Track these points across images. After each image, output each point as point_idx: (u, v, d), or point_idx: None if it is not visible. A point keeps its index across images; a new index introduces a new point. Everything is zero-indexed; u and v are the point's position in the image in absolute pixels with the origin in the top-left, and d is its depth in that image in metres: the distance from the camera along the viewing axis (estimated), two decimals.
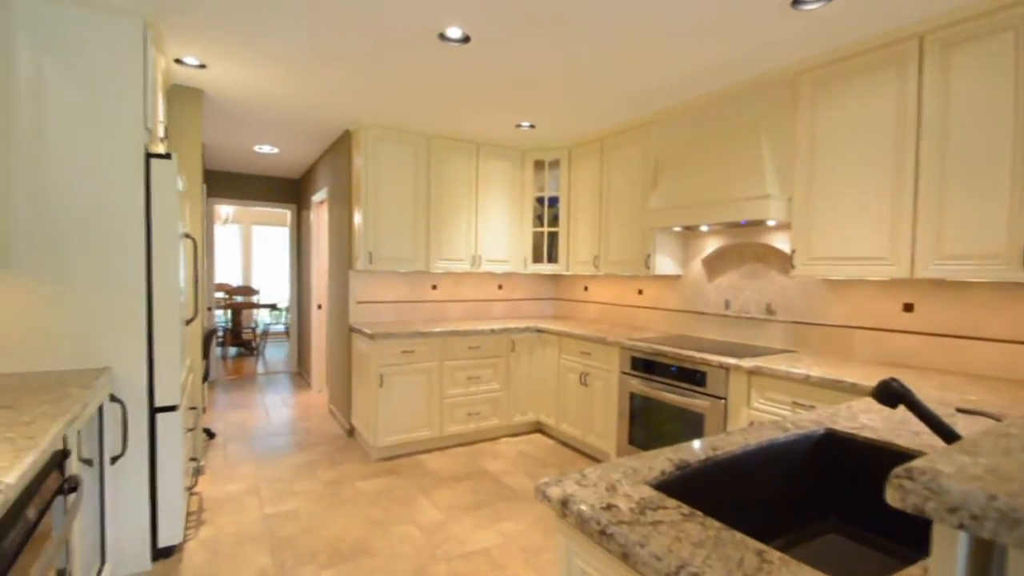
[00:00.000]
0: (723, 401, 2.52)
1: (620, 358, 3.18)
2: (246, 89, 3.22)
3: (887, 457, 1.24)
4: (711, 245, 3.30)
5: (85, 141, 2.03)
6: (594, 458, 3.55)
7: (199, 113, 3.27)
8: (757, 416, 2.37)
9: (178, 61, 2.79)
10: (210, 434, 3.93)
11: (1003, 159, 1.84)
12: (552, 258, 4.46)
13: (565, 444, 3.84)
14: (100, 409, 1.93)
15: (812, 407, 2.15)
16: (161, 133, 2.68)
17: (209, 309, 5.51)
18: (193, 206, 3.25)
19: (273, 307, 8.42)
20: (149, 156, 2.16)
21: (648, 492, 0.96)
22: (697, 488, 1.13)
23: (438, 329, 3.67)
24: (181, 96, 3.21)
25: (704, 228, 3.10)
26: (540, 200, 4.46)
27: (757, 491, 1.25)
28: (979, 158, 1.91)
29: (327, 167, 4.83)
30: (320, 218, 5.41)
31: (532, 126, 3.80)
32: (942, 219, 2.00)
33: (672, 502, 0.92)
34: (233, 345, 7.96)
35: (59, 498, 1.37)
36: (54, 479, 1.34)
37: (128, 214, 2.10)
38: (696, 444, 1.22)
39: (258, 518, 2.66)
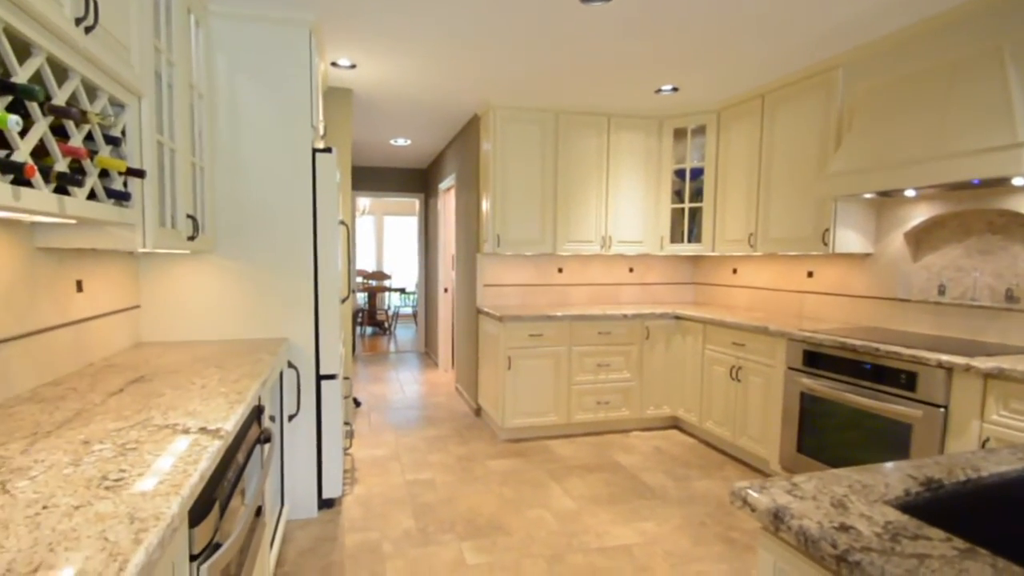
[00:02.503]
0: (942, 410, 1.98)
1: (787, 351, 2.71)
2: (388, 84, 3.34)
3: None
4: (919, 214, 2.66)
5: (268, 142, 2.27)
6: (747, 464, 3.11)
7: (349, 111, 3.47)
8: (995, 432, 1.81)
9: (333, 64, 2.96)
10: (357, 403, 4.21)
11: None
12: (693, 237, 4.02)
13: (709, 444, 3.44)
14: (280, 374, 2.11)
15: None
16: (322, 131, 2.88)
17: (353, 292, 5.96)
18: (344, 196, 3.46)
19: (403, 291, 8.95)
20: (315, 152, 2.34)
21: (894, 515, 0.69)
22: (953, 517, 0.80)
23: (567, 313, 3.48)
24: (334, 97, 3.43)
25: (910, 193, 2.49)
26: (680, 173, 4.04)
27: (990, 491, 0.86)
28: None
29: (454, 154, 4.89)
30: (447, 204, 5.54)
31: (675, 89, 3.42)
32: None
33: (936, 532, 0.65)
34: (369, 325, 8.61)
35: (257, 447, 1.45)
36: (254, 431, 1.43)
37: (299, 204, 2.32)
38: (943, 459, 0.87)
39: (400, 483, 2.76)
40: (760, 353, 2.92)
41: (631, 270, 4.38)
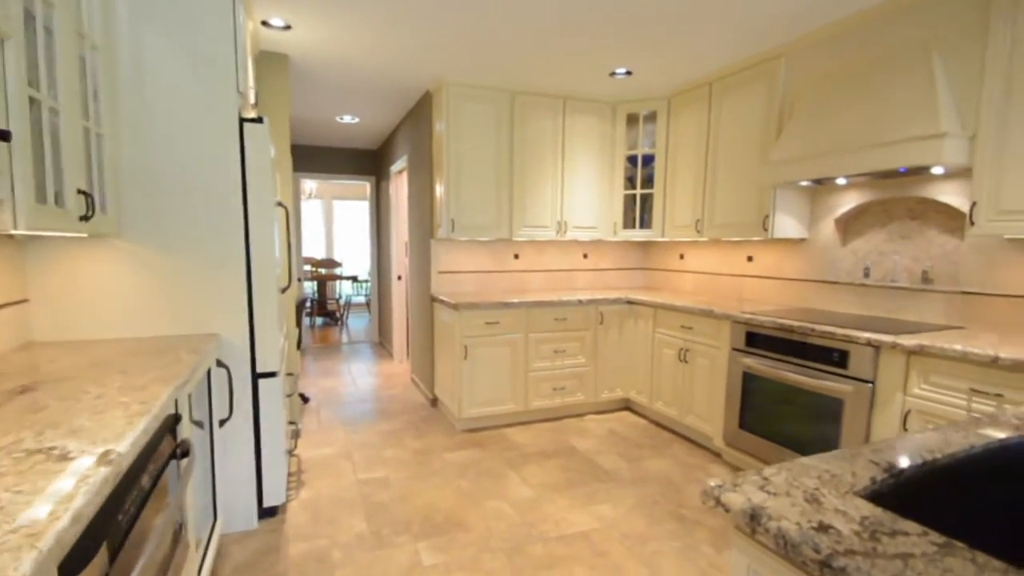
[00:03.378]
0: (870, 385, 2.12)
1: (731, 333, 2.83)
2: (330, 52, 3.13)
3: None
4: (848, 202, 2.81)
5: (185, 108, 2.01)
6: (694, 441, 3.25)
7: (286, 80, 3.24)
8: (916, 405, 1.97)
9: (265, 23, 2.73)
10: (304, 399, 4.06)
11: None
12: (644, 223, 4.10)
13: (658, 424, 3.56)
14: (208, 374, 1.94)
15: (999, 396, 1.72)
16: (252, 99, 2.65)
17: (299, 280, 5.71)
18: (283, 175, 3.26)
19: (354, 279, 8.69)
20: (242, 121, 2.12)
21: (867, 508, 0.70)
22: (916, 503, 0.85)
23: (524, 300, 3.48)
24: (268, 62, 3.18)
25: (841, 181, 2.63)
26: (632, 159, 4.09)
27: (982, 510, 0.93)
28: None
29: (406, 135, 4.73)
30: (399, 188, 5.38)
31: (629, 73, 3.43)
32: None
33: (911, 525, 0.66)
34: (319, 315, 8.33)
35: (173, 462, 1.34)
36: (168, 444, 1.31)
37: (225, 180, 2.08)
38: (899, 443, 0.92)
39: (352, 482, 2.66)
40: (706, 335, 3.03)
41: (585, 256, 4.42)
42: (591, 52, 3.08)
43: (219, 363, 2.06)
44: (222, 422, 2.07)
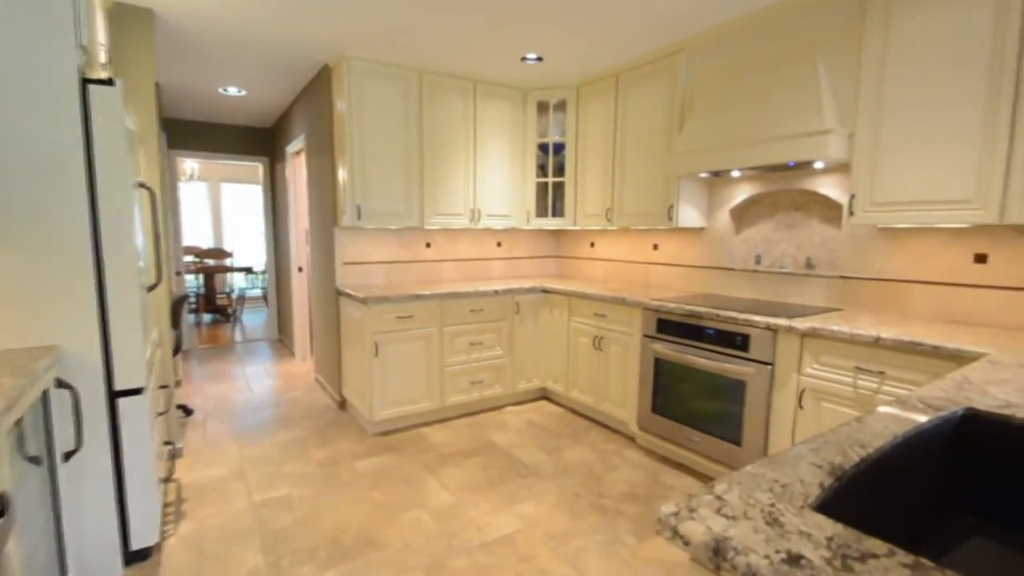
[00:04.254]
0: (769, 367, 2.26)
1: (643, 320, 2.89)
2: (205, 9, 2.68)
3: None
4: (741, 193, 2.98)
5: None
6: (610, 427, 3.32)
7: (150, 38, 2.74)
8: (809, 384, 2.12)
9: None
10: (187, 411, 3.58)
11: None
12: (557, 211, 4.09)
13: (575, 412, 3.60)
14: (46, 397, 1.56)
15: (881, 373, 1.90)
16: (102, 58, 2.19)
17: (178, 274, 5.03)
18: (148, 153, 2.78)
19: (248, 270, 7.91)
20: (86, 82, 1.71)
21: (828, 525, 0.67)
22: (855, 501, 0.85)
23: (437, 291, 3.32)
24: (126, 17, 2.67)
25: (736, 173, 2.77)
26: (543, 147, 4.04)
27: (899, 492, 0.98)
28: None
29: (303, 112, 4.30)
30: (297, 171, 4.91)
31: (540, 59, 3.35)
32: None
33: (876, 543, 0.63)
34: (207, 311, 7.48)
35: None
36: None
37: (62, 154, 1.66)
38: (832, 438, 0.93)
39: (246, 507, 2.36)
40: (619, 323, 3.09)
41: (499, 244, 4.33)
42: (503, 34, 2.95)
43: (60, 383, 1.67)
44: (68, 455, 1.69)
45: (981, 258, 2.10)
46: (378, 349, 3.15)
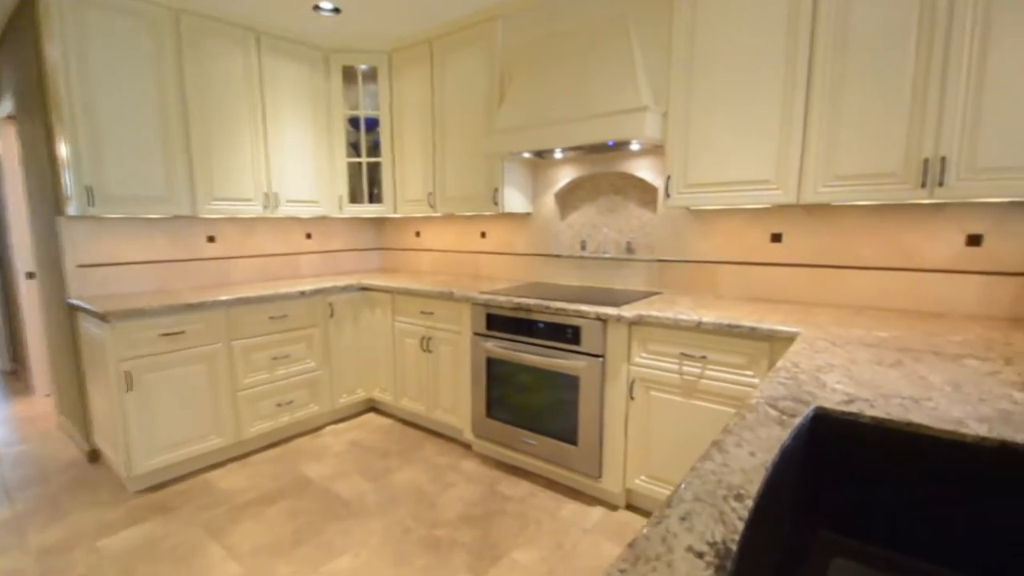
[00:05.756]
0: (600, 360, 2.14)
1: (472, 316, 2.61)
2: None
3: (909, 444, 0.89)
4: (564, 176, 2.86)
5: None
6: (444, 436, 3.00)
7: None
8: (638, 373, 2.05)
9: None
10: None
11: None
12: (374, 197, 3.60)
13: (406, 423, 3.21)
14: None
15: (703, 357, 1.88)
16: None
17: None
18: None
19: None
20: None
21: None
22: (745, 569, 0.62)
23: (220, 297, 2.60)
24: None
25: (558, 155, 2.62)
26: (354, 122, 3.49)
27: (772, 524, 0.80)
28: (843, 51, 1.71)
29: (8, 64, 3.06)
30: (8, 145, 3.56)
31: (337, 10, 2.79)
32: (835, 133, 1.79)
33: None
34: None
35: None
36: None
37: None
38: (703, 490, 0.69)
39: None
40: (448, 320, 2.77)
41: (309, 236, 3.67)
42: None
43: None
44: None
45: (777, 237, 2.24)
46: (131, 380, 2.34)
